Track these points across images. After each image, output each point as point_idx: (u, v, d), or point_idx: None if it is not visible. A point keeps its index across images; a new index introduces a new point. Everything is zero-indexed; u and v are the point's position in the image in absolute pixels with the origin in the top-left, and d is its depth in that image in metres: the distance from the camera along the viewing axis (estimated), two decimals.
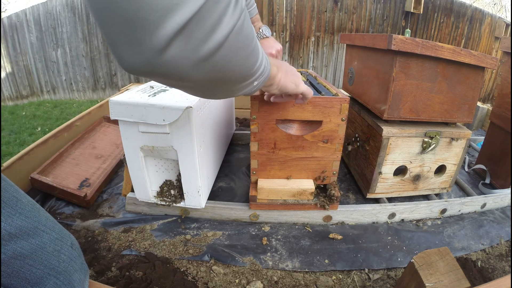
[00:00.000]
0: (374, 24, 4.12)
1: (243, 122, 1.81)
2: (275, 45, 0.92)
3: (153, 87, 0.87)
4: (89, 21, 4.09)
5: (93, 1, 0.22)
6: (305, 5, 3.95)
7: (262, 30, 0.92)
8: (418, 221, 0.97)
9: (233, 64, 0.31)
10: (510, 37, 1.06)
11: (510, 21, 4.11)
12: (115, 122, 1.43)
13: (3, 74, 4.24)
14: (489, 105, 1.84)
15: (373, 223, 0.96)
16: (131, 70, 0.25)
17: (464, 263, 0.80)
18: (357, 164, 1.11)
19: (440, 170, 1.00)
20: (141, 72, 0.26)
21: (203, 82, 0.31)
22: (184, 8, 0.22)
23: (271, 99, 0.72)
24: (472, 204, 1.01)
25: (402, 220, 0.97)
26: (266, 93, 0.75)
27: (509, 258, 0.85)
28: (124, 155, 0.84)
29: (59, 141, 1.23)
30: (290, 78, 0.58)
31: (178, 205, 0.89)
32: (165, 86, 0.89)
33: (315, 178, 0.92)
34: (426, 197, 1.06)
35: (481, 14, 4.12)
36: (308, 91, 0.65)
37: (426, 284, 0.55)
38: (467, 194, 1.09)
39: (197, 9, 0.22)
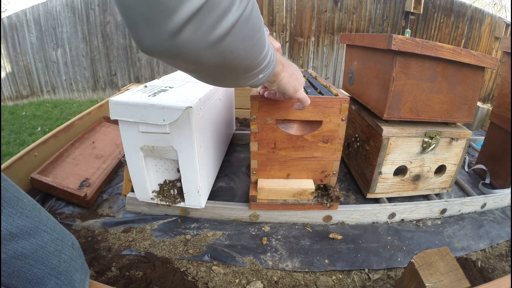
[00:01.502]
0: (374, 24, 4.12)
1: (243, 122, 1.81)
2: (274, 43, 0.93)
3: (153, 87, 0.87)
4: (89, 21, 4.09)
5: None
6: (305, 5, 3.95)
7: None
8: (418, 221, 0.97)
9: (240, 51, 0.33)
10: (510, 37, 1.07)
11: (510, 21, 4.11)
12: (115, 122, 1.43)
13: (3, 74, 4.24)
14: (489, 105, 1.84)
15: (373, 223, 0.96)
16: (148, 51, 0.28)
17: (464, 263, 0.80)
18: (357, 164, 1.11)
19: (440, 170, 1.00)
20: (157, 54, 0.28)
21: (212, 67, 0.33)
22: None
23: (265, 94, 0.74)
24: (472, 204, 1.01)
25: (402, 220, 0.97)
26: (261, 88, 0.76)
27: (509, 258, 0.85)
28: (124, 155, 0.84)
29: (59, 141, 1.23)
30: (292, 81, 0.59)
31: (178, 205, 0.89)
32: (165, 86, 0.89)
33: (315, 178, 0.92)
34: (426, 197, 1.06)
35: (481, 14, 4.12)
36: (306, 99, 0.67)
37: (426, 284, 0.55)
38: (467, 194, 1.09)
39: None
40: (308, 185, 0.89)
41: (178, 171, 0.87)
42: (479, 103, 1.76)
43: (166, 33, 0.25)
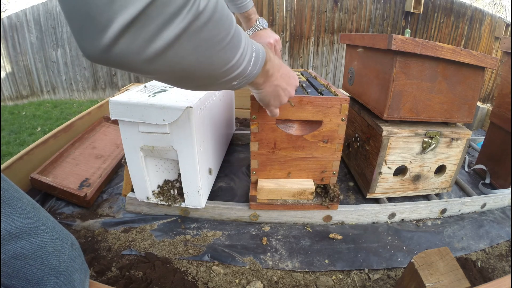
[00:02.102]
0: (374, 24, 4.12)
1: (243, 122, 1.81)
2: (273, 35, 0.95)
3: (153, 87, 0.87)
4: None
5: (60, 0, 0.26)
6: (305, 5, 3.95)
7: (259, 22, 0.94)
8: (418, 221, 0.97)
9: (192, 62, 0.33)
10: (510, 37, 1.07)
11: (510, 21, 4.11)
12: (115, 122, 1.43)
13: (3, 74, 4.24)
14: (489, 105, 1.84)
15: (373, 223, 0.96)
16: (90, 59, 0.28)
17: (464, 263, 0.80)
18: (357, 164, 1.11)
19: (440, 170, 1.00)
20: (99, 62, 0.28)
21: (163, 75, 0.33)
22: (128, 10, 0.24)
23: None
24: (472, 204, 1.01)
25: (402, 220, 0.97)
26: None
27: (509, 258, 0.85)
28: (124, 156, 0.84)
29: (59, 141, 1.23)
30: (268, 97, 0.60)
31: (178, 205, 0.89)
32: (165, 86, 0.89)
33: (315, 178, 0.92)
34: (426, 197, 1.06)
35: (481, 14, 4.12)
36: (273, 115, 0.68)
37: (426, 284, 0.55)
38: (467, 194, 1.09)
39: (139, 12, 0.25)
40: (308, 185, 0.89)
41: (178, 170, 0.87)
42: (479, 103, 1.76)
43: (100, 47, 0.26)
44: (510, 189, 1.07)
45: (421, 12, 3.97)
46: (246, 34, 0.42)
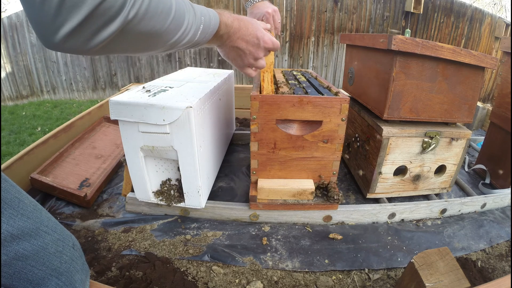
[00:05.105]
0: (374, 24, 4.12)
1: (243, 122, 1.81)
2: (270, 6, 0.97)
3: (153, 87, 0.87)
4: None
5: (22, 6, 0.32)
6: (305, 5, 3.95)
7: None
8: (418, 221, 0.97)
9: (130, 49, 0.41)
10: (510, 37, 1.07)
11: (510, 21, 4.11)
12: (115, 122, 1.43)
13: (3, 74, 4.24)
14: (489, 105, 1.84)
15: (373, 223, 0.96)
16: (48, 48, 0.35)
17: (464, 263, 0.80)
18: (357, 164, 1.11)
19: (440, 170, 1.00)
20: (56, 50, 0.35)
21: (115, 53, 0.41)
22: (68, 24, 0.32)
23: None
24: (472, 204, 1.01)
25: (402, 220, 0.97)
26: None
27: (509, 258, 0.85)
28: (124, 155, 0.84)
29: (59, 141, 1.23)
30: (230, 57, 0.65)
31: (178, 205, 0.89)
32: (165, 86, 0.89)
33: (315, 178, 0.92)
34: (426, 197, 1.06)
35: (481, 14, 4.12)
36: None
37: (426, 284, 0.55)
38: (467, 194, 1.09)
39: (77, 24, 0.32)
40: (308, 185, 0.89)
41: (178, 170, 0.87)
42: (479, 103, 1.76)
43: (53, 43, 0.34)
44: (510, 189, 1.07)
45: (421, 12, 3.97)
46: (195, 10, 0.47)
